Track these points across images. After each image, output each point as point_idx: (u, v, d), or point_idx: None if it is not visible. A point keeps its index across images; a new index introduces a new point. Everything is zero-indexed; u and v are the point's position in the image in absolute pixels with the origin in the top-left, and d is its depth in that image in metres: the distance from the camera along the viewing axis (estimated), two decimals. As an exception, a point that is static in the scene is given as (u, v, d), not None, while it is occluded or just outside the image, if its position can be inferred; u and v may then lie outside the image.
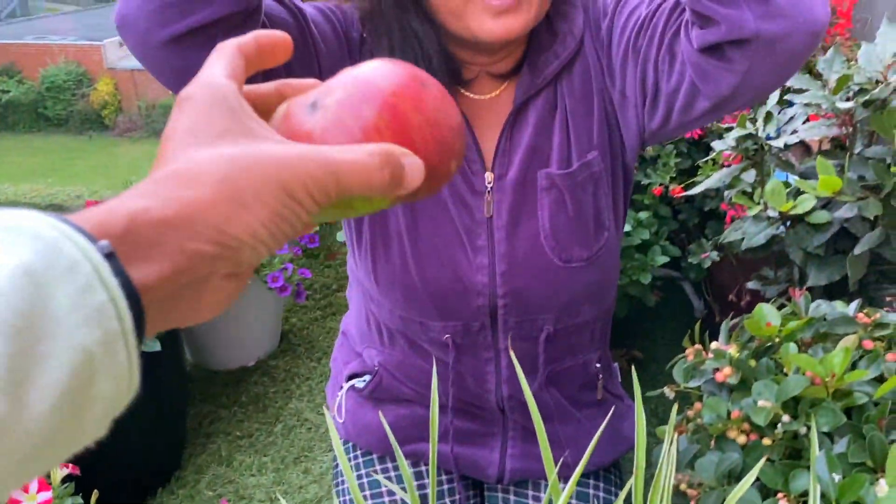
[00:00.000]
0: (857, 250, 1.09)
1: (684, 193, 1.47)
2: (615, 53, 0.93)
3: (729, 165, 1.34)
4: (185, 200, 0.32)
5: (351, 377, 1.17)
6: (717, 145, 1.31)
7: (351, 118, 0.39)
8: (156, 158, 0.36)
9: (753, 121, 1.29)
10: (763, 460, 0.74)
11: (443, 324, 1.02)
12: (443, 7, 0.88)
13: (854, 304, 0.99)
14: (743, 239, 1.22)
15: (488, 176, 0.97)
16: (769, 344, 1.00)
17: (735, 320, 1.08)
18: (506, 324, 1.01)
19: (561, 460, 0.85)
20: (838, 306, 1.01)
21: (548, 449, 0.72)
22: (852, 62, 1.27)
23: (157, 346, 1.90)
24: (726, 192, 1.30)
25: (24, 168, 9.03)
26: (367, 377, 1.13)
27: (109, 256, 0.29)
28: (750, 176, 1.28)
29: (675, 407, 0.89)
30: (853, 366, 0.89)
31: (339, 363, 1.22)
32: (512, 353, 0.96)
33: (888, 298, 1.12)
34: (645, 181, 1.74)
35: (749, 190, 1.30)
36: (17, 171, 8.75)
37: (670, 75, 0.86)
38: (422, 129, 0.40)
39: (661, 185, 1.67)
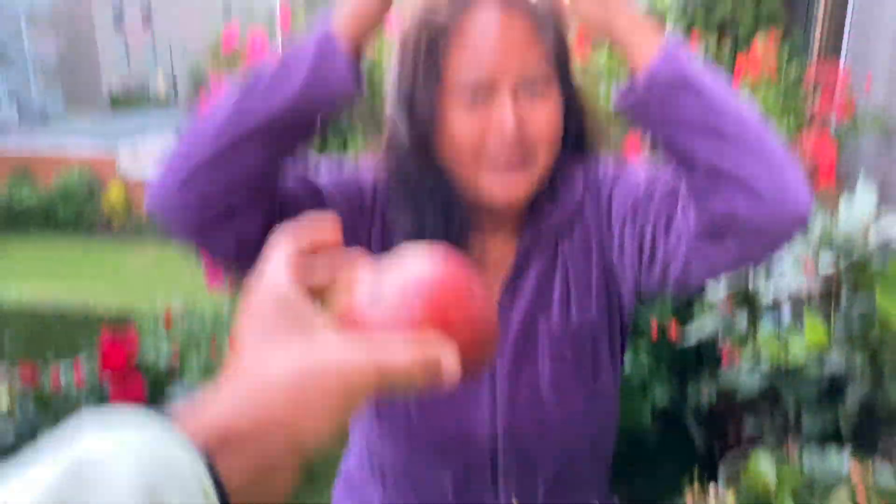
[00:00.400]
0: (848, 403, 1.13)
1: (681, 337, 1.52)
2: (615, 219, 1.00)
3: (722, 308, 1.39)
4: (263, 414, 0.39)
5: None
6: (710, 289, 1.37)
7: (405, 310, 0.46)
8: (231, 354, 0.44)
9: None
10: None
11: (444, 467, 1.04)
12: (455, 166, 0.96)
13: (846, 457, 1.02)
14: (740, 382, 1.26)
15: None
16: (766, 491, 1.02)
17: (733, 460, 1.11)
18: (506, 469, 1.04)
19: None
20: (832, 457, 1.04)
21: None
22: (836, 212, 1.35)
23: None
24: (721, 335, 1.35)
25: (31, 270, 9.07)
26: None
27: (209, 465, 0.36)
28: (742, 320, 1.34)
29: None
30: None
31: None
32: (513, 499, 0.99)
33: (881, 445, 1.15)
34: (643, 320, 1.79)
35: (743, 332, 1.35)
36: (25, 274, 8.79)
37: (667, 245, 0.93)
38: (463, 328, 0.47)
39: (658, 323, 1.72)
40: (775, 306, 1.30)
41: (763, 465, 1.03)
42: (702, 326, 1.35)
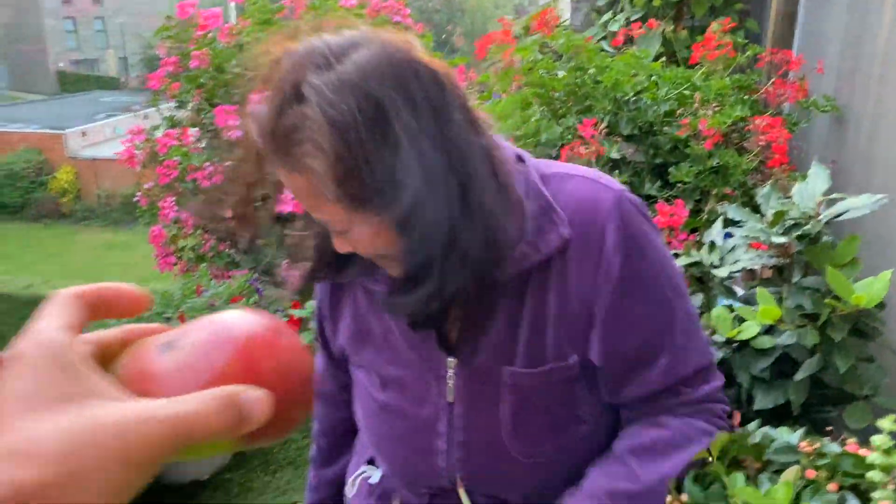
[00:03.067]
0: (798, 376, 1.14)
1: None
2: (606, 324, 0.92)
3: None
4: (27, 485, 0.31)
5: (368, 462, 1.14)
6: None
7: (202, 361, 0.40)
8: None
9: (699, 247, 1.36)
10: None
11: (413, 489, 1.04)
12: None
13: (798, 433, 1.02)
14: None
15: (450, 361, 0.95)
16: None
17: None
18: (473, 496, 1.01)
19: None
20: (783, 433, 1.04)
21: None
22: (789, 196, 1.36)
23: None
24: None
25: (-26, 255, 8.79)
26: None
27: None
28: (697, 300, 1.34)
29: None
30: (798, 496, 0.92)
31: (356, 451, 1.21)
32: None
33: (829, 428, 1.17)
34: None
35: (697, 308, 1.36)
36: (-32, 258, 8.52)
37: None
38: (270, 377, 0.40)
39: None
40: (728, 285, 1.31)
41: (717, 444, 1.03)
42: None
